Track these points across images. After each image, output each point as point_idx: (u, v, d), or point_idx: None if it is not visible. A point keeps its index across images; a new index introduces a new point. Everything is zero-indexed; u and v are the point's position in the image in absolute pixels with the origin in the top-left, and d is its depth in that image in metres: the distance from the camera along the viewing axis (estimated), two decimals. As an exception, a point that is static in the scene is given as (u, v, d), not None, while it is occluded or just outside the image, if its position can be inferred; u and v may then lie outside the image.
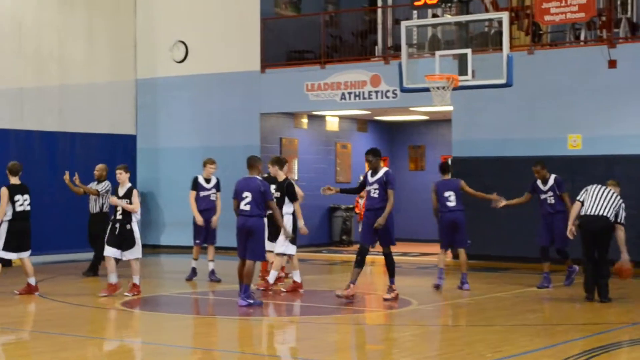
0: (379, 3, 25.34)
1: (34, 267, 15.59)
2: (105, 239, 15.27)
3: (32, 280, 15.46)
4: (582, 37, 21.08)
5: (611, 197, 14.88)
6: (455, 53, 16.74)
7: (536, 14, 20.38)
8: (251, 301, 13.99)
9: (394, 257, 14.91)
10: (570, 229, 14.91)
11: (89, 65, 24.04)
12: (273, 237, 15.50)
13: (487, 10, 21.49)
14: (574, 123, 20.03)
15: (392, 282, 14.93)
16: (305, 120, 25.29)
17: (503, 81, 16.11)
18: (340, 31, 25.28)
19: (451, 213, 16.21)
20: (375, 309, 15.02)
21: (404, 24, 17.42)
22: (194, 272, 17.64)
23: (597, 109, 19.86)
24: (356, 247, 16.56)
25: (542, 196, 16.59)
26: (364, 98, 22.74)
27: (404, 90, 17.46)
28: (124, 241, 15.16)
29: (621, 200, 14.93)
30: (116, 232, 15.14)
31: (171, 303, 15.31)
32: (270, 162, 16.21)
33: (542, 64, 20.42)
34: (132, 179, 24.74)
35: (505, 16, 16.46)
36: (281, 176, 15.92)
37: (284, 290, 15.79)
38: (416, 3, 17.28)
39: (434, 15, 21.77)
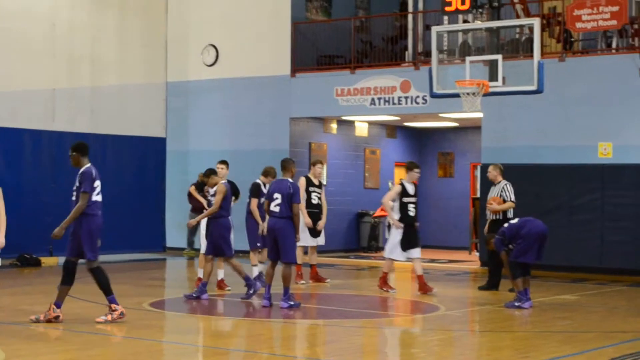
0: (410, 8, 25.36)
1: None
2: None
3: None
4: (613, 45, 21.00)
5: None
6: (486, 59, 16.64)
7: (568, 21, 20.31)
8: (292, 303, 14.12)
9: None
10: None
11: (120, 67, 24.20)
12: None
13: (518, 17, 21.45)
14: (604, 131, 19.93)
15: (110, 300, 12.47)
16: (334, 125, 25.30)
17: (534, 88, 15.99)
18: (371, 36, 25.28)
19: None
20: (402, 314, 15.00)
21: (434, 29, 17.39)
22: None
23: (628, 117, 19.76)
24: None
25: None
26: (393, 104, 22.73)
27: (434, 95, 17.42)
28: None
29: None
30: None
31: (200, 305, 15.33)
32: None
33: (573, 72, 20.34)
34: (162, 181, 25.07)
35: (536, 23, 16.38)
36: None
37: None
38: (447, 9, 17.17)
39: (465, 21, 21.74)
